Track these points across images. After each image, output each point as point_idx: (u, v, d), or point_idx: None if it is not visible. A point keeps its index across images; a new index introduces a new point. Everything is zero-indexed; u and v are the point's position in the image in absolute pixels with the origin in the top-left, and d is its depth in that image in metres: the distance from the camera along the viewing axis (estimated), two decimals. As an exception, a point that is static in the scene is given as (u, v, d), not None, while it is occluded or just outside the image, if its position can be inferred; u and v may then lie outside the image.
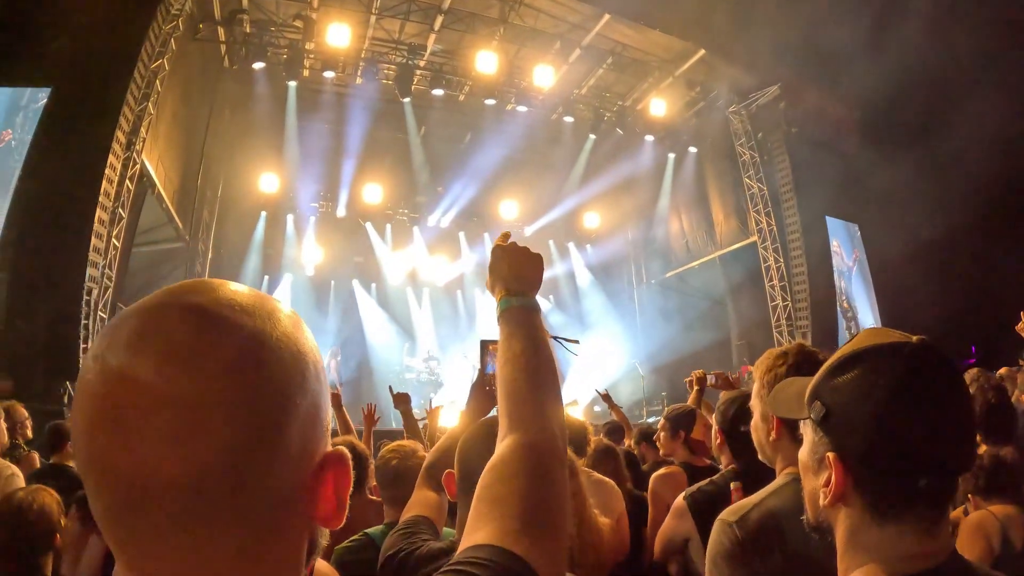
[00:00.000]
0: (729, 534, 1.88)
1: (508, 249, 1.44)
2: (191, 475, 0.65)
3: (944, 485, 1.09)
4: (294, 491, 0.72)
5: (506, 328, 1.31)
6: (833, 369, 1.16)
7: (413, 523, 2.12)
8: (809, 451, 1.19)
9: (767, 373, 2.00)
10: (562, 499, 1.05)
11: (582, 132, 17.52)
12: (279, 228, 17.50)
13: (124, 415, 0.64)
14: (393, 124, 16.84)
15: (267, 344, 0.70)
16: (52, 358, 10.04)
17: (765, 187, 15.77)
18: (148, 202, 12.84)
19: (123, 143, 10.90)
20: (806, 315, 15.07)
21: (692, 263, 18.59)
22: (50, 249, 10.21)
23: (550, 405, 1.16)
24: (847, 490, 1.10)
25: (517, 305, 1.33)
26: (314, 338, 0.78)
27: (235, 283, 0.76)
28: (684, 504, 2.71)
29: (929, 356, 1.10)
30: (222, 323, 0.69)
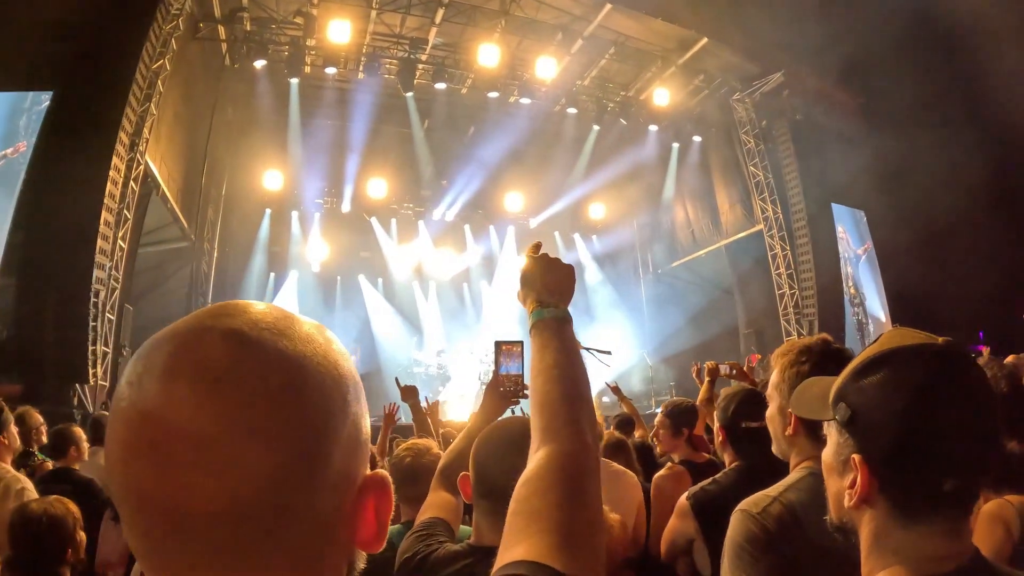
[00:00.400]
0: (755, 522, 1.85)
1: (540, 260, 1.43)
2: (231, 506, 0.63)
3: (969, 487, 1.09)
4: (335, 517, 0.71)
5: (539, 339, 1.30)
6: (859, 371, 1.15)
7: (430, 525, 2.11)
8: (834, 452, 1.19)
9: (789, 368, 1.97)
10: (598, 511, 1.04)
11: (586, 123, 17.46)
12: (284, 225, 17.54)
13: (161, 445, 0.63)
14: (396, 119, 16.83)
15: (307, 368, 0.69)
16: (61, 361, 10.08)
17: (770, 175, 15.70)
18: (153, 202, 12.85)
19: (126, 144, 10.90)
20: (813, 303, 15.01)
21: (698, 252, 18.54)
22: (57, 252, 10.20)
23: (584, 416, 1.15)
24: (872, 492, 1.10)
25: (549, 316, 1.32)
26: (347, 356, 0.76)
27: (266, 303, 0.74)
28: (687, 504, 2.67)
29: (955, 358, 1.10)
30: (261, 348, 0.67)
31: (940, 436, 1.06)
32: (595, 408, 1.19)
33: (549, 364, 1.23)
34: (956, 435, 1.06)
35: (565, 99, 16.54)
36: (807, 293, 15.18)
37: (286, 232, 17.55)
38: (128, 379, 0.67)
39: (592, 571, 0.94)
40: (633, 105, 16.95)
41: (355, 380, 0.74)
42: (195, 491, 0.62)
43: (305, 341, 0.70)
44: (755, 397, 2.80)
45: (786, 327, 15.53)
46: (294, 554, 0.68)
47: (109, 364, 11.04)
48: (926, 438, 1.06)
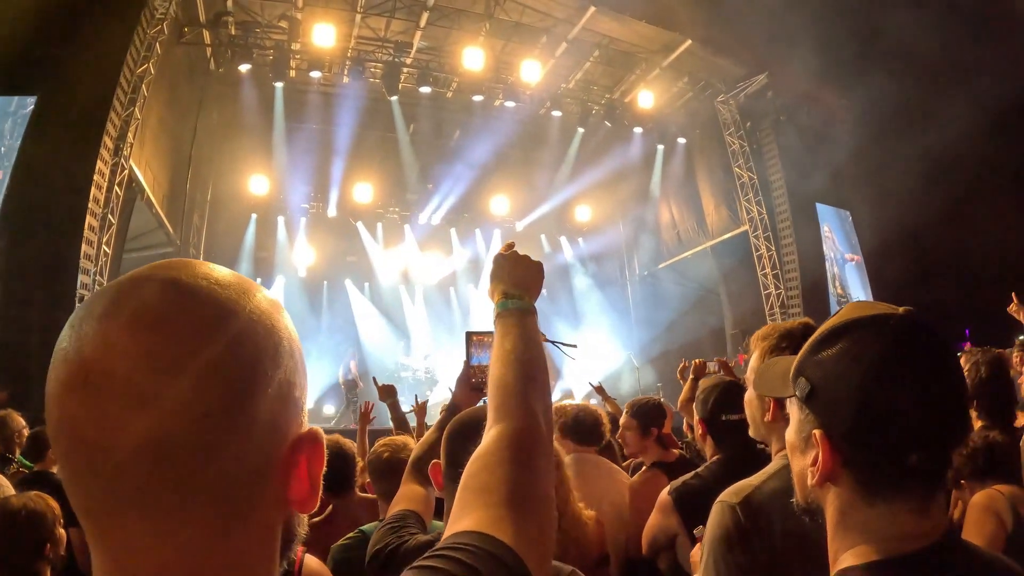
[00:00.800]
0: (732, 516, 1.84)
1: (509, 256, 1.46)
2: (157, 440, 0.64)
3: (936, 461, 1.04)
4: (265, 467, 0.72)
5: (501, 328, 1.32)
6: (817, 344, 1.11)
7: (400, 517, 2.12)
8: (796, 430, 1.14)
9: (769, 354, 1.93)
10: (547, 486, 1.05)
11: (570, 126, 17.51)
12: (270, 230, 17.46)
13: (92, 382, 0.65)
14: (381, 122, 16.80)
15: (240, 314, 0.71)
16: (47, 366, 9.93)
17: (755, 176, 15.79)
18: (137, 208, 12.77)
19: (111, 149, 10.85)
20: (798, 302, 15.11)
21: (684, 253, 18.61)
22: (41, 257, 10.15)
23: (535, 396, 1.16)
24: (835, 469, 1.06)
25: (514, 307, 1.34)
26: (293, 325, 0.78)
27: (217, 265, 0.76)
28: (669, 500, 2.66)
29: (916, 327, 1.06)
30: (196, 292, 0.69)
31: (901, 408, 1.02)
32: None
33: (507, 350, 1.25)
34: (918, 407, 1.02)
35: (550, 102, 16.59)
36: (792, 292, 15.28)
37: (272, 237, 17.47)
38: (70, 323, 0.69)
39: (537, 543, 0.95)
40: (618, 107, 17.01)
41: (291, 337, 0.76)
42: (120, 425, 0.64)
43: (242, 293, 0.72)
44: (734, 389, 2.81)
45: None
46: (219, 500, 0.69)
47: (96, 372, 10.95)
48: (887, 411, 1.02)
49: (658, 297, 19.52)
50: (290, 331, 0.76)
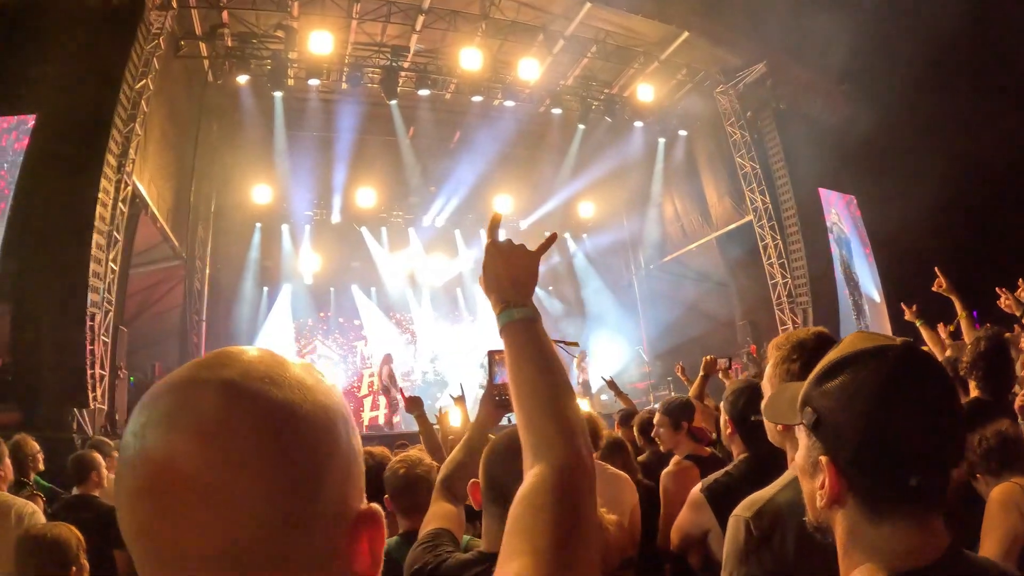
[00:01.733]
0: (744, 531, 1.90)
1: (500, 250, 1.40)
2: (227, 548, 0.67)
3: (936, 482, 1.12)
4: (330, 553, 0.74)
5: (512, 347, 1.29)
6: (821, 375, 1.18)
7: (435, 536, 2.12)
8: (804, 455, 1.21)
9: (781, 364, 1.98)
10: (592, 528, 1.06)
11: (571, 123, 17.45)
12: (275, 239, 17.51)
13: (163, 491, 0.67)
14: (381, 127, 16.82)
15: (297, 414, 0.72)
16: (59, 386, 10.03)
17: (757, 165, 15.75)
18: (142, 223, 12.83)
19: (114, 166, 10.88)
20: (806, 290, 15.08)
21: (689, 246, 18.57)
22: (50, 277, 10.20)
23: (572, 426, 1.16)
24: (841, 492, 1.12)
25: (519, 318, 1.31)
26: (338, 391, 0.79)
27: (258, 349, 0.77)
28: (702, 497, 2.71)
29: (913, 358, 1.13)
30: (252, 398, 0.71)
31: (901, 435, 1.09)
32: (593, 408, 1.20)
33: (530, 377, 1.23)
34: (917, 433, 1.09)
35: (549, 100, 16.55)
36: (800, 281, 15.23)
37: (277, 246, 17.52)
38: (132, 430, 0.71)
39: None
40: (617, 102, 16.96)
41: (345, 417, 0.78)
42: (195, 533, 0.66)
43: (295, 387, 0.73)
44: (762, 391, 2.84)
45: (780, 316, 15.58)
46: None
47: (107, 387, 11.00)
48: (888, 438, 1.09)
49: (665, 291, 19.50)
50: (344, 411, 0.78)
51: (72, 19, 10.71)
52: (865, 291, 16.68)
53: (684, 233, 18.82)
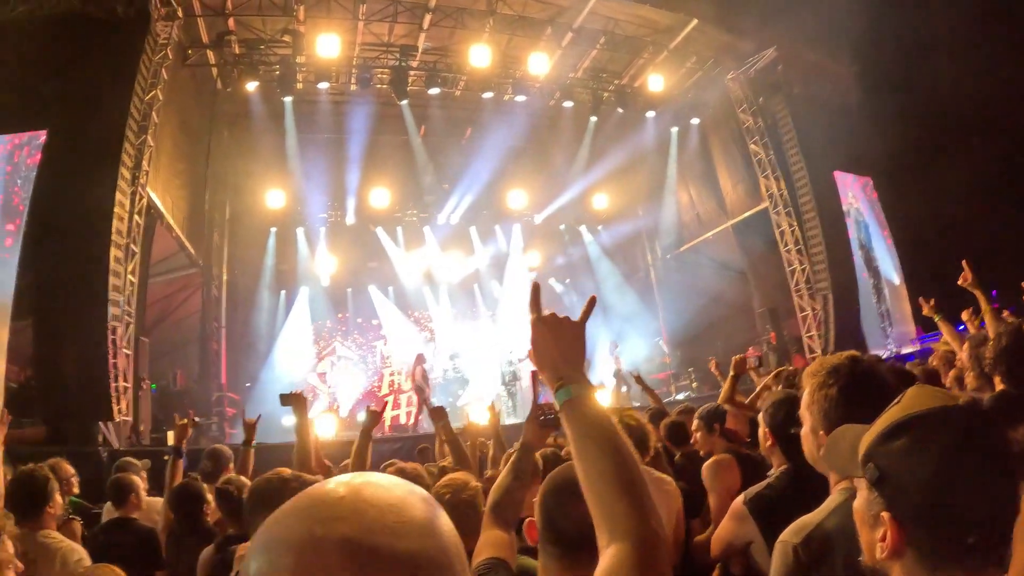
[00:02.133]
0: (793, 557, 1.92)
1: (550, 324, 1.46)
2: None
3: (992, 539, 1.13)
4: None
5: (574, 426, 1.32)
6: (885, 435, 1.21)
7: (491, 566, 2.13)
8: (865, 506, 1.24)
9: (818, 391, 2.00)
10: None
11: (583, 115, 17.40)
12: (290, 242, 17.56)
13: None
14: (393, 127, 16.82)
15: (421, 564, 0.72)
16: (84, 400, 10.10)
17: (771, 151, 15.60)
18: (158, 233, 12.90)
19: (128, 179, 10.91)
20: (825, 276, 14.92)
21: (705, 235, 18.47)
22: (69, 292, 10.26)
23: (644, 502, 1.19)
24: (901, 546, 1.16)
25: (576, 395, 1.35)
26: (449, 521, 0.80)
27: (374, 482, 0.78)
28: (744, 509, 2.74)
29: (975, 421, 1.16)
30: (377, 556, 0.71)
31: (963, 499, 1.12)
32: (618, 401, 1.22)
33: (594, 456, 1.26)
34: (978, 497, 1.12)
35: (560, 93, 16.49)
36: (818, 267, 15.08)
37: (293, 249, 17.57)
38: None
39: None
40: (628, 93, 16.87)
41: (460, 553, 0.78)
42: None
43: (416, 534, 0.73)
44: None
45: (799, 303, 15.46)
46: None
47: (130, 399, 11.08)
48: (950, 501, 1.12)
49: (682, 280, 19.37)
50: (458, 547, 0.79)
51: (79, 34, 10.76)
52: (885, 274, 16.53)
53: (700, 222, 18.70)
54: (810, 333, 15.30)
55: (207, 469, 5.11)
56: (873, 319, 15.69)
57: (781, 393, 3.02)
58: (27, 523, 3.37)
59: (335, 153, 16.72)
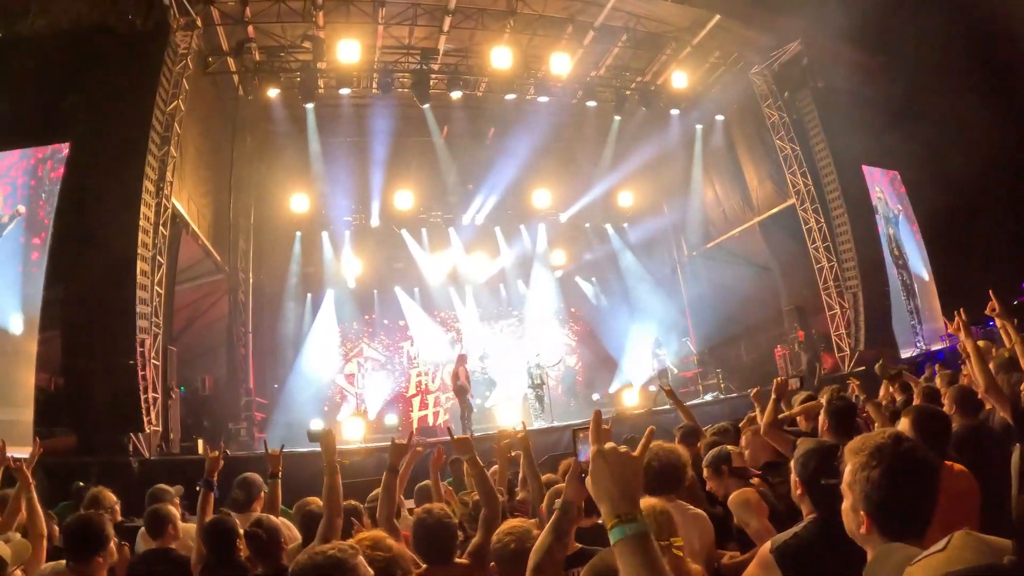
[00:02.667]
0: None
1: (609, 458, 1.52)
2: None
3: None
4: None
5: (627, 566, 1.39)
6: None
7: None
8: None
9: (861, 471, 1.98)
10: None
11: (606, 114, 17.28)
12: (315, 246, 17.65)
13: None
14: (416, 129, 16.82)
15: None
16: (113, 411, 10.24)
17: (798, 146, 15.37)
18: (184, 241, 13.02)
19: (152, 191, 11.00)
20: (854, 274, 14.68)
21: (731, 231, 18.27)
22: (97, 305, 10.38)
23: None
24: None
25: (631, 534, 1.40)
26: None
27: None
28: (771, 558, 2.72)
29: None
30: None
31: None
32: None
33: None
34: None
35: (582, 92, 16.38)
36: (847, 265, 14.84)
37: (318, 252, 17.66)
38: None
39: None
40: (652, 90, 16.71)
41: None
42: None
43: None
44: (834, 454, 2.78)
45: (828, 301, 15.23)
46: None
47: (160, 408, 11.20)
48: None
49: (709, 277, 19.24)
50: None
51: (100, 47, 10.87)
52: (914, 269, 16.25)
53: (726, 218, 18.50)
54: (839, 331, 15.08)
55: (239, 499, 5.13)
56: (903, 316, 15.42)
57: (813, 442, 3.05)
58: (78, 567, 3.41)
59: (358, 156, 16.77)
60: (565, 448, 11.49)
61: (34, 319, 10.49)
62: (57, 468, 9.81)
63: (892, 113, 13.45)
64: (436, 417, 18.23)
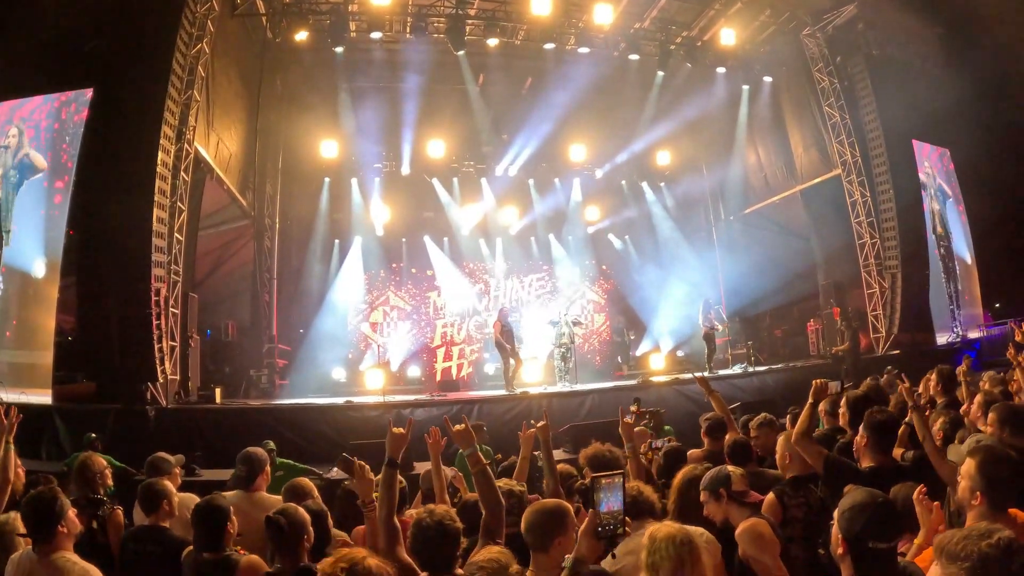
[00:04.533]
0: None
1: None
2: None
3: None
4: None
5: None
6: None
7: None
8: None
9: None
10: None
11: (650, 69, 16.53)
12: (344, 192, 17.37)
13: None
14: (450, 76, 16.27)
15: None
16: (129, 361, 10.24)
17: (847, 115, 14.67)
18: (208, 186, 12.88)
19: (171, 136, 10.80)
20: (895, 254, 14.14)
21: (772, 198, 17.67)
22: (113, 254, 10.32)
23: None
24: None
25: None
26: None
27: None
28: None
29: None
30: None
31: None
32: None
33: None
34: None
35: (625, 44, 15.70)
36: (890, 244, 14.27)
37: (347, 199, 17.40)
38: None
39: None
40: (698, 47, 15.99)
41: None
42: None
43: None
44: (889, 513, 2.43)
45: (867, 279, 14.71)
46: None
47: (178, 357, 11.19)
48: None
49: (745, 243, 18.68)
50: None
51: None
52: (957, 251, 15.60)
53: (767, 185, 17.85)
54: (875, 311, 14.58)
55: (241, 474, 4.87)
56: (942, 300, 14.86)
57: (864, 493, 2.52)
58: (40, 545, 3.34)
59: (389, 102, 16.28)
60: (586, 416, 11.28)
61: (56, 263, 10.55)
62: (74, 415, 9.96)
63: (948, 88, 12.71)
64: (460, 369, 18.14)
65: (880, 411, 4.02)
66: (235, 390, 13.65)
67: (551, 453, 4.28)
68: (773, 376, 13.38)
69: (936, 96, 12.99)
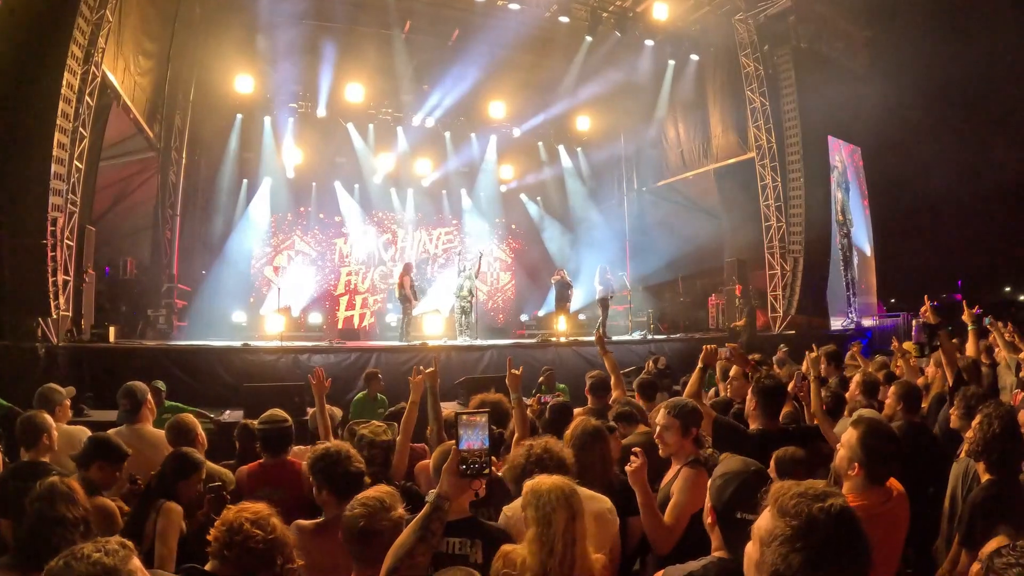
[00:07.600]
0: None
1: None
2: None
3: None
4: None
5: None
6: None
7: None
8: None
9: (780, 543, 1.54)
10: None
11: (578, 33, 16.43)
12: (256, 131, 16.67)
13: None
14: (375, 20, 15.75)
15: None
16: (20, 294, 9.59)
17: (768, 102, 15.04)
18: (114, 113, 12.05)
19: (79, 57, 10.04)
20: (800, 239, 14.74)
21: (686, 173, 18.03)
22: (8, 180, 9.54)
23: None
24: None
25: None
26: None
27: None
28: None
29: None
30: None
31: None
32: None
33: None
34: None
35: (557, 6, 15.55)
36: (795, 229, 14.86)
37: (258, 138, 16.70)
38: None
39: None
40: (630, 17, 15.96)
41: None
42: None
43: None
44: (761, 481, 2.23)
45: (770, 260, 15.29)
46: None
47: (71, 292, 10.53)
48: None
49: (655, 215, 19.11)
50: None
51: None
52: (857, 242, 16.40)
53: (683, 161, 18.18)
54: (775, 291, 15.20)
55: (126, 408, 4.72)
56: (839, 286, 15.63)
57: (738, 462, 2.46)
58: None
59: (311, 41, 15.60)
60: (483, 371, 11.33)
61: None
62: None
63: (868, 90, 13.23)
64: (363, 319, 17.91)
65: (768, 377, 4.20)
66: (131, 330, 13.05)
67: (437, 399, 4.26)
68: (671, 345, 13.76)
69: (855, 95, 13.51)
